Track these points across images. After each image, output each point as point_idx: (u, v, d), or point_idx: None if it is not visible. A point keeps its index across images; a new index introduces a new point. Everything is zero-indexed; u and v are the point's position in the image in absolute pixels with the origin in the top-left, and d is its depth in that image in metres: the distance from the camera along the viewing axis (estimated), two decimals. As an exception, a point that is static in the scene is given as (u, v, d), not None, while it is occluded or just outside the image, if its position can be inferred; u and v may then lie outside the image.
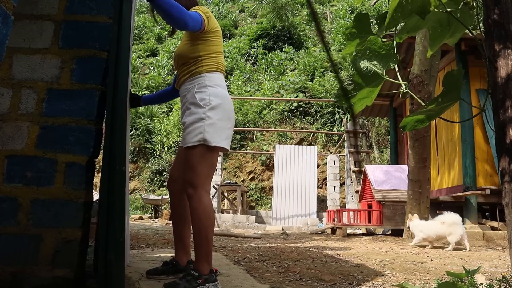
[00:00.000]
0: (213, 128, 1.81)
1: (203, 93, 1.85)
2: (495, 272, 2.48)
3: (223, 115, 1.86)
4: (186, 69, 1.93)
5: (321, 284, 2.08)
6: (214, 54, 1.94)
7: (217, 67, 1.94)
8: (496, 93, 1.07)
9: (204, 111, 1.82)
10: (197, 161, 1.81)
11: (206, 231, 1.80)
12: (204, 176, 1.84)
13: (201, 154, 1.81)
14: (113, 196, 1.31)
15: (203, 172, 1.83)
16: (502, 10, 1.05)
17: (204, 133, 1.79)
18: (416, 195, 5.17)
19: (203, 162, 1.82)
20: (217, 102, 1.85)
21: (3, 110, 1.62)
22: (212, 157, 1.86)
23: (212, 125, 1.81)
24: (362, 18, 1.30)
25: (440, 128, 6.58)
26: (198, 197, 1.80)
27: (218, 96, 1.87)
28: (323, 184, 11.99)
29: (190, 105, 1.86)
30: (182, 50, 1.95)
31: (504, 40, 1.04)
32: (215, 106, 1.84)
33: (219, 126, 1.83)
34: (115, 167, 1.32)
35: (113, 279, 1.25)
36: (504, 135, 1.05)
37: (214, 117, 1.82)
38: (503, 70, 1.03)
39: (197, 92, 1.86)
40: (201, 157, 1.81)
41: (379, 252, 3.67)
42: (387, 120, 11.19)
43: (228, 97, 1.96)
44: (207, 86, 1.87)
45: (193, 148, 1.81)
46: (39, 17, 1.71)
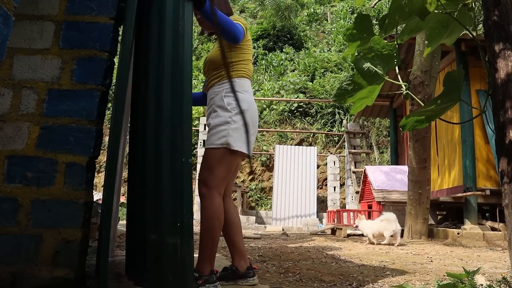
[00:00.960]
0: (237, 133, 1.84)
1: (231, 97, 1.89)
2: (495, 273, 2.48)
3: (248, 121, 1.92)
4: (217, 73, 1.97)
5: (321, 284, 2.08)
6: (245, 62, 1.99)
7: (246, 73, 2.00)
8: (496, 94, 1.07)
9: (230, 115, 1.85)
10: (216, 162, 1.84)
11: (214, 233, 1.82)
12: (220, 178, 1.86)
13: (221, 156, 1.83)
14: (182, 184, 1.34)
15: (220, 174, 1.85)
16: (502, 12, 1.05)
17: (228, 137, 1.82)
18: (416, 195, 5.17)
19: (222, 165, 1.84)
20: (244, 107, 1.91)
21: (3, 111, 1.62)
22: (232, 161, 1.88)
23: (236, 129, 1.84)
24: (363, 20, 1.30)
25: (440, 128, 6.58)
26: (211, 197, 1.81)
27: (245, 102, 1.92)
28: (323, 185, 11.99)
29: (217, 108, 1.90)
30: (214, 56, 1.99)
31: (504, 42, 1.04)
32: (241, 112, 1.89)
33: (244, 131, 1.87)
34: (181, 159, 1.35)
35: (179, 262, 1.29)
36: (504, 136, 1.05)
37: (239, 122, 1.86)
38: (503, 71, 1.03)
39: (225, 96, 1.90)
40: (221, 160, 1.84)
41: (379, 253, 3.67)
42: (387, 120, 11.19)
43: (254, 104, 2.01)
44: (235, 91, 1.94)
45: (215, 149, 1.84)
46: (40, 17, 1.71)
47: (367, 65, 1.25)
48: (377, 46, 1.24)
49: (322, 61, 15.19)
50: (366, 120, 13.22)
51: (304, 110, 13.53)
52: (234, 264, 2.00)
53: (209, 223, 1.81)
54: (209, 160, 1.85)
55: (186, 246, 1.29)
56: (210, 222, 1.81)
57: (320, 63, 15.09)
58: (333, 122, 13.12)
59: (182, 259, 1.28)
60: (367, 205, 6.60)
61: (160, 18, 1.55)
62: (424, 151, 5.17)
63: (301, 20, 18.66)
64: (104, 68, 1.69)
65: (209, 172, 1.84)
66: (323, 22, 18.99)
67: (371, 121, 13.38)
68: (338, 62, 15.03)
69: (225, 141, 1.82)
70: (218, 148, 1.83)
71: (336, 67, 15.04)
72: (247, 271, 1.96)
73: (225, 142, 1.82)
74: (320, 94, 13.55)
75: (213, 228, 1.81)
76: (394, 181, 6.32)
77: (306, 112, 13.55)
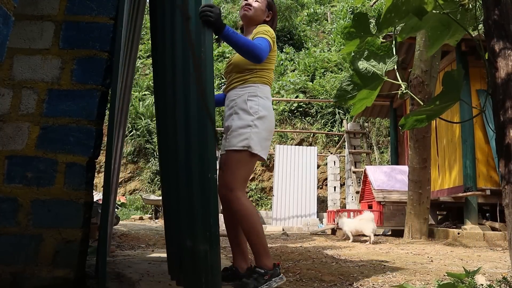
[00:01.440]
0: (258, 137, 1.90)
1: (253, 102, 1.95)
2: (495, 273, 2.47)
3: (267, 126, 1.95)
4: (240, 77, 2.02)
5: (321, 284, 2.08)
6: (268, 70, 2.06)
7: (268, 80, 2.06)
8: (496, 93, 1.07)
9: (253, 119, 1.90)
10: (237, 165, 1.88)
11: (257, 228, 1.86)
12: (242, 180, 1.91)
13: (243, 159, 1.88)
14: (210, 197, 1.44)
15: (241, 176, 1.90)
16: (502, 11, 1.05)
17: (250, 140, 1.87)
18: (417, 195, 5.17)
19: (243, 167, 1.89)
20: (264, 113, 1.95)
21: (3, 111, 1.62)
22: (252, 164, 1.95)
23: (257, 133, 1.90)
24: (360, 18, 1.30)
25: (441, 128, 6.58)
26: (236, 198, 1.85)
27: (266, 108, 1.97)
28: (323, 185, 11.99)
29: (239, 110, 1.94)
30: (240, 61, 2.02)
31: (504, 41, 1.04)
32: (262, 117, 1.93)
33: (263, 136, 1.92)
34: (208, 175, 1.45)
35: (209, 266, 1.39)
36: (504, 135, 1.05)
37: (260, 127, 1.91)
38: (503, 71, 1.03)
39: (248, 99, 1.95)
40: (242, 162, 1.89)
41: (379, 253, 3.66)
42: (387, 120, 11.19)
43: (273, 111, 2.07)
44: (258, 96, 1.97)
45: (236, 151, 1.88)
46: (40, 17, 1.71)
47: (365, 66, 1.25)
48: (372, 47, 1.24)
49: (322, 61, 15.19)
50: (366, 120, 13.21)
51: (304, 110, 13.53)
52: (235, 264, 2.01)
53: (247, 223, 1.85)
54: (230, 163, 1.89)
55: (214, 252, 1.41)
56: (249, 220, 1.85)
57: (320, 63, 15.09)
58: (333, 122, 13.11)
59: (211, 264, 1.40)
60: (367, 205, 6.60)
61: (183, 45, 1.64)
62: (424, 151, 5.17)
63: (301, 20, 18.65)
64: (104, 68, 1.69)
65: (231, 175, 1.88)
66: (323, 22, 18.99)
67: (371, 121, 13.38)
68: (338, 62, 15.03)
69: (247, 143, 1.86)
70: (240, 150, 1.87)
71: (336, 67, 15.04)
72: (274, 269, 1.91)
73: (246, 145, 1.86)
74: (320, 94, 13.55)
75: (254, 225, 1.85)
76: (395, 181, 6.31)
77: (306, 112, 13.54)
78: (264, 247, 1.86)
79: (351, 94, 1.30)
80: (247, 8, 2.10)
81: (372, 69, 1.24)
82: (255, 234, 1.85)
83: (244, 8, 2.12)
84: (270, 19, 2.16)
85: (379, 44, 1.22)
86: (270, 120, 1.99)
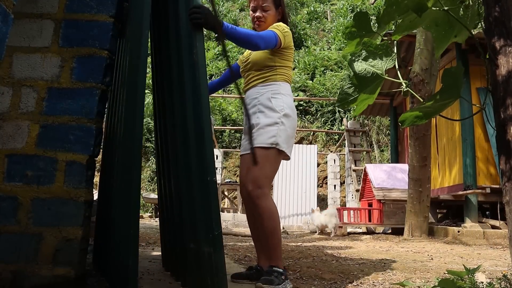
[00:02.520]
0: (285, 134, 1.91)
1: (278, 99, 1.95)
2: (496, 270, 2.48)
3: (291, 124, 1.96)
4: (260, 74, 2.01)
5: (321, 282, 2.08)
6: (287, 67, 2.06)
7: (288, 78, 2.06)
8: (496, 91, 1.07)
9: (279, 116, 1.91)
10: (265, 162, 1.87)
11: (278, 230, 1.88)
12: (269, 177, 1.91)
13: (270, 156, 1.88)
14: (210, 200, 1.46)
15: (269, 173, 1.90)
16: (502, 8, 1.05)
17: (277, 137, 1.88)
18: (417, 194, 5.17)
19: (271, 164, 1.90)
20: (289, 111, 1.95)
21: (3, 109, 1.62)
22: (278, 161, 1.95)
23: (284, 131, 1.91)
24: (361, 17, 1.30)
25: (441, 126, 6.57)
26: (266, 196, 1.86)
27: (290, 106, 1.98)
28: (324, 183, 11.99)
29: (264, 109, 1.94)
30: (259, 58, 2.02)
31: (505, 38, 1.03)
32: (287, 114, 1.94)
33: (288, 134, 1.94)
34: (207, 178, 1.47)
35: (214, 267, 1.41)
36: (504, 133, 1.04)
37: (286, 124, 1.92)
38: (504, 68, 1.03)
39: (272, 97, 1.95)
40: (270, 159, 1.89)
41: (379, 251, 3.67)
42: (387, 119, 11.19)
43: (295, 109, 2.06)
44: (281, 93, 1.97)
45: (264, 149, 1.88)
46: (39, 15, 1.71)
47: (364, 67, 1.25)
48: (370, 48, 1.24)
49: (322, 60, 15.17)
50: (367, 119, 13.21)
51: (304, 109, 13.52)
52: (260, 263, 1.97)
53: (272, 221, 1.85)
54: (259, 159, 1.87)
55: (218, 254, 1.42)
56: (273, 220, 1.85)
57: (320, 62, 15.07)
58: (333, 121, 13.11)
59: (216, 266, 1.41)
60: (368, 203, 6.60)
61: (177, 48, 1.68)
62: (425, 149, 5.16)
63: (301, 19, 18.62)
64: (104, 66, 1.69)
65: (259, 171, 1.86)
66: (323, 20, 18.95)
67: (371, 119, 13.38)
68: (338, 60, 15.01)
69: (274, 140, 1.86)
70: (268, 147, 1.87)
71: (336, 65, 15.02)
72: (285, 271, 1.93)
73: (275, 142, 1.86)
74: (320, 93, 13.54)
75: (277, 226, 1.86)
76: (395, 180, 6.31)
77: (306, 110, 13.54)
78: (280, 249, 1.89)
79: (352, 96, 1.30)
80: (259, 23, 2.09)
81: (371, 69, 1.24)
82: (277, 236, 1.86)
83: (256, 23, 2.10)
84: (281, 16, 2.14)
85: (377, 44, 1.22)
86: (294, 118, 2.00)
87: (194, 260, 1.50)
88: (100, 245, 1.94)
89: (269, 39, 1.90)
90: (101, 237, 1.93)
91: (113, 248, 1.55)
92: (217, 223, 1.44)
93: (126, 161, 1.51)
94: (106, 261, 1.68)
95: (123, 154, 1.56)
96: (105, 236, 1.75)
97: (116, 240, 1.50)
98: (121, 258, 1.43)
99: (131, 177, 1.46)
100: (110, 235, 1.60)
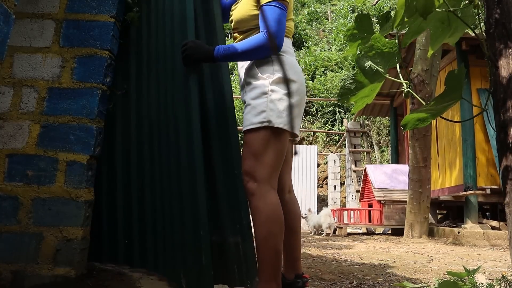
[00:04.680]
0: (280, 105, 1.43)
1: (266, 62, 1.49)
2: (496, 271, 2.48)
3: (291, 89, 1.47)
4: (247, 36, 1.56)
5: (321, 283, 2.08)
6: None
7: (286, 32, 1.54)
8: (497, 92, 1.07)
9: (268, 83, 1.45)
10: (260, 148, 1.42)
11: (275, 240, 1.38)
12: (271, 167, 1.43)
13: (266, 138, 1.42)
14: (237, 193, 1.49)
15: (268, 161, 1.42)
16: (503, 9, 1.05)
17: (268, 112, 1.41)
18: (417, 194, 5.17)
19: (268, 149, 1.42)
20: (288, 74, 1.48)
21: (4, 109, 1.62)
22: (280, 143, 1.45)
23: (279, 101, 1.43)
24: (363, 19, 1.30)
25: (441, 127, 6.57)
26: (263, 194, 1.39)
27: (287, 65, 1.49)
28: (324, 184, 11.99)
29: (250, 79, 1.51)
30: (241, 16, 1.56)
31: (506, 40, 1.03)
32: (281, 78, 1.46)
33: (287, 104, 1.45)
34: (234, 171, 1.49)
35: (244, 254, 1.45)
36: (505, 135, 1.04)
37: (280, 92, 1.44)
38: (504, 70, 1.03)
39: (258, 61, 1.50)
40: (266, 143, 1.42)
41: (379, 252, 3.67)
42: (387, 119, 11.19)
43: (298, 67, 1.56)
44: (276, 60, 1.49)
45: (255, 130, 1.43)
46: (40, 15, 1.71)
47: (369, 63, 1.24)
48: (377, 44, 1.24)
49: (322, 60, 15.18)
50: (367, 119, 13.21)
51: (304, 109, 13.53)
52: (282, 271, 1.62)
53: (266, 229, 1.37)
54: (251, 146, 1.44)
55: (247, 243, 1.44)
56: (268, 227, 1.37)
57: (321, 62, 15.08)
58: (333, 121, 13.12)
59: (245, 254, 1.44)
60: (368, 204, 6.60)
61: None
62: (425, 150, 5.17)
63: (302, 19, 18.63)
64: (105, 66, 1.69)
65: (255, 161, 1.42)
66: (323, 21, 18.96)
67: (372, 120, 13.38)
68: (339, 61, 15.02)
69: (265, 117, 1.41)
70: (258, 128, 1.42)
71: (337, 66, 15.03)
72: (295, 280, 1.63)
73: (265, 119, 1.41)
74: (320, 93, 13.55)
75: (273, 235, 1.38)
76: (395, 180, 6.32)
77: (306, 111, 13.54)
78: (275, 269, 1.37)
79: (353, 92, 1.29)
80: None
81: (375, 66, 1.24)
82: (272, 247, 1.37)
83: None
84: None
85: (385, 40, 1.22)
86: (295, 80, 1.49)
87: (217, 252, 1.52)
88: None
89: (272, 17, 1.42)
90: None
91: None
92: (245, 212, 1.45)
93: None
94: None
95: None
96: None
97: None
98: None
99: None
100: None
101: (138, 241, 1.72)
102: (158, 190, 1.68)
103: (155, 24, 1.85)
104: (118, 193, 1.80)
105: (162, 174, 1.66)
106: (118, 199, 1.80)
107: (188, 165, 1.55)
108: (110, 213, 1.81)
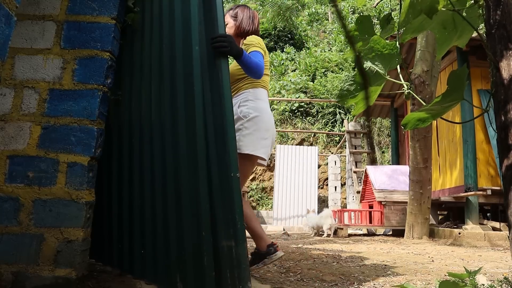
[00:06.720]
0: (249, 138, 1.98)
1: (245, 106, 2.04)
2: (497, 272, 2.47)
3: (260, 126, 2.02)
4: (233, 87, 2.10)
5: (322, 284, 2.08)
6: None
7: (261, 84, 2.14)
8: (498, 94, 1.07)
9: (242, 122, 2.00)
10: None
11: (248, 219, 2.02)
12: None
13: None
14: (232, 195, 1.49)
15: None
16: (504, 11, 1.05)
17: (239, 142, 1.94)
18: (417, 195, 5.16)
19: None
20: (256, 114, 2.02)
21: (5, 110, 1.62)
22: (245, 165, 1.99)
23: (248, 135, 1.98)
24: (364, 21, 1.30)
25: (441, 128, 6.57)
26: None
27: (257, 109, 2.04)
28: (324, 185, 11.98)
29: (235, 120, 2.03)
30: (231, 70, 2.06)
31: (506, 41, 1.03)
32: (253, 118, 2.01)
33: (256, 137, 1.99)
34: (230, 174, 1.50)
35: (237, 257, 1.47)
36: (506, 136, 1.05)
37: (251, 128, 1.99)
38: (505, 71, 1.03)
39: (240, 105, 2.05)
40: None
41: (380, 253, 3.66)
42: (388, 120, 11.19)
43: (267, 110, 2.12)
44: (248, 100, 2.06)
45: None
46: (41, 17, 1.72)
47: (369, 65, 1.25)
48: (377, 45, 1.24)
49: (323, 61, 15.17)
50: (367, 120, 13.19)
51: (305, 110, 13.52)
52: (256, 246, 2.15)
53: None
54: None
55: (240, 247, 1.46)
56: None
57: (321, 63, 15.07)
58: (334, 122, 13.11)
59: (238, 257, 1.46)
60: (368, 205, 6.59)
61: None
62: (425, 151, 5.16)
63: (302, 20, 18.64)
64: (106, 67, 1.69)
65: None
66: (324, 22, 18.97)
67: (372, 121, 13.37)
68: (339, 62, 15.01)
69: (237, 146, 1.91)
70: None
71: (337, 67, 15.02)
72: (268, 249, 2.11)
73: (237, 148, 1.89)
74: (321, 94, 13.54)
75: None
76: (395, 181, 6.31)
77: (307, 112, 13.54)
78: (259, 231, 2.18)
79: (353, 94, 1.29)
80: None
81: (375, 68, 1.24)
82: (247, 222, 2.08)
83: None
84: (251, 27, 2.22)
85: (385, 42, 1.22)
86: (264, 120, 2.04)
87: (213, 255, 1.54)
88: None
89: (262, 69, 1.97)
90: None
91: None
92: (240, 217, 1.47)
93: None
94: None
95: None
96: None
97: None
98: None
99: None
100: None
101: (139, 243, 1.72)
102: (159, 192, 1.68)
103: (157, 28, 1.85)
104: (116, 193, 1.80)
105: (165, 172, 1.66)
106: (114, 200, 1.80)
107: (188, 165, 1.56)
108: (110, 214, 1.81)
